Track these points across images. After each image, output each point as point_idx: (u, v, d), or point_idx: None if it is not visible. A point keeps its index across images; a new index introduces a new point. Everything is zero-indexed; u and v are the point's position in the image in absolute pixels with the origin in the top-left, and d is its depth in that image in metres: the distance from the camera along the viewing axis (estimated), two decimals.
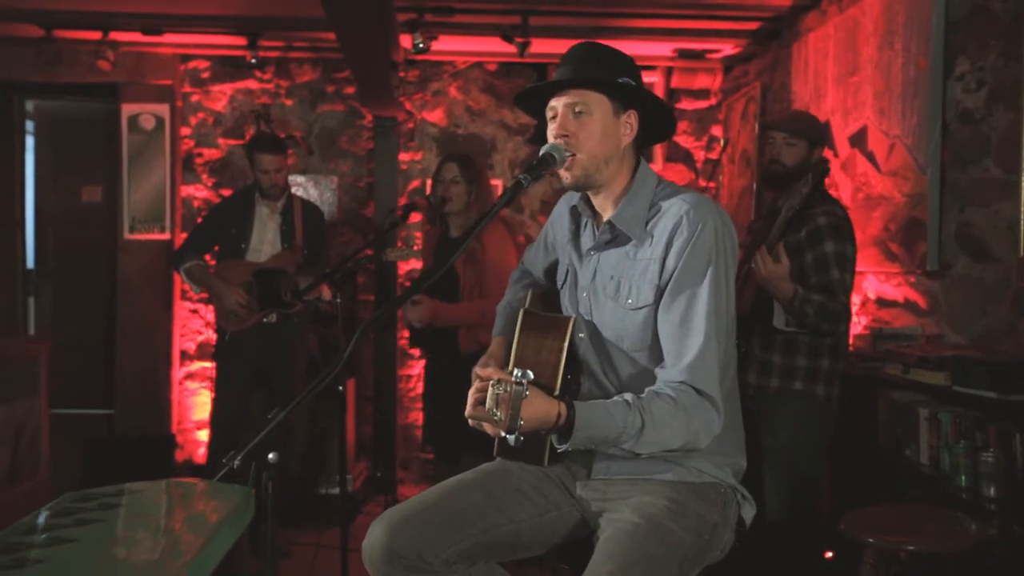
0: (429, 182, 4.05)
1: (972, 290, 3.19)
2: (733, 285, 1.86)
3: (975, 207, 3.18)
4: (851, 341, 3.65)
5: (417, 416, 5.58)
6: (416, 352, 4.03)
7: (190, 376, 5.64)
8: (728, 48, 5.28)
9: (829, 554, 3.19)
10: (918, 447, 3.06)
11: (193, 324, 5.64)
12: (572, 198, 2.08)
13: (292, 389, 4.15)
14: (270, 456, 1.46)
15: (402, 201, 5.64)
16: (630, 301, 1.88)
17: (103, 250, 5.62)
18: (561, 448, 1.74)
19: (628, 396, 1.74)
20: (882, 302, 3.74)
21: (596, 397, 1.97)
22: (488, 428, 1.71)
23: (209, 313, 5.38)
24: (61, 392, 5.20)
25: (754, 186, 4.93)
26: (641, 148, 2.00)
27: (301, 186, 5.59)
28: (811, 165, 2.91)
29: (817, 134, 3.05)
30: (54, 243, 5.87)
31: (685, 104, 5.78)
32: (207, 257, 4.28)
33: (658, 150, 5.67)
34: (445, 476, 1.98)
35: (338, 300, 3.19)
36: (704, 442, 1.78)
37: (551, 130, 1.91)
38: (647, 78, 5.66)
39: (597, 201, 1.99)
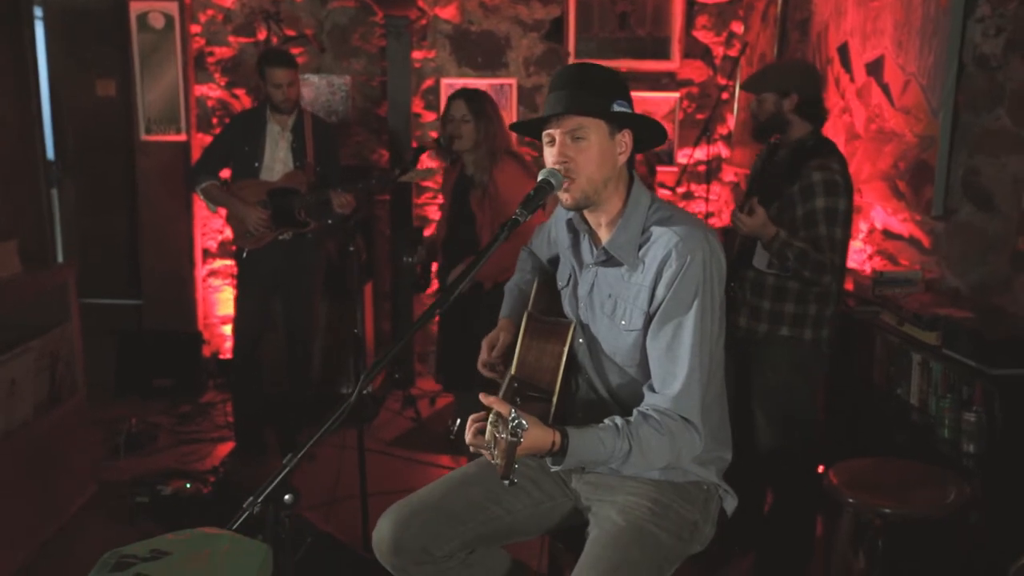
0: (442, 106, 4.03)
1: (974, 238, 3.22)
2: (719, 312, 1.94)
3: (984, 156, 3.17)
4: (852, 278, 3.72)
5: None
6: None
7: (213, 273, 5.81)
8: None
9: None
10: (909, 388, 3.19)
11: (214, 223, 5.75)
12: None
13: (309, 303, 4.35)
14: (286, 497, 1.61)
15: (416, 101, 5.61)
16: (623, 322, 1.98)
17: (121, 148, 5.66)
18: (554, 469, 1.88)
19: (618, 420, 1.87)
20: (888, 234, 3.78)
21: (590, 398, 2.12)
22: (486, 455, 1.84)
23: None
24: (90, 283, 5.38)
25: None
26: (633, 159, 2.06)
27: (314, 85, 5.56)
28: (783, 113, 3.06)
29: (784, 83, 3.04)
30: (74, 137, 5.89)
31: None
32: (221, 175, 4.33)
33: (676, 46, 5.54)
34: (466, 407, 2.09)
35: (350, 249, 3.30)
36: (685, 461, 1.95)
37: (549, 155, 1.97)
38: None
39: (592, 218, 2.06)
